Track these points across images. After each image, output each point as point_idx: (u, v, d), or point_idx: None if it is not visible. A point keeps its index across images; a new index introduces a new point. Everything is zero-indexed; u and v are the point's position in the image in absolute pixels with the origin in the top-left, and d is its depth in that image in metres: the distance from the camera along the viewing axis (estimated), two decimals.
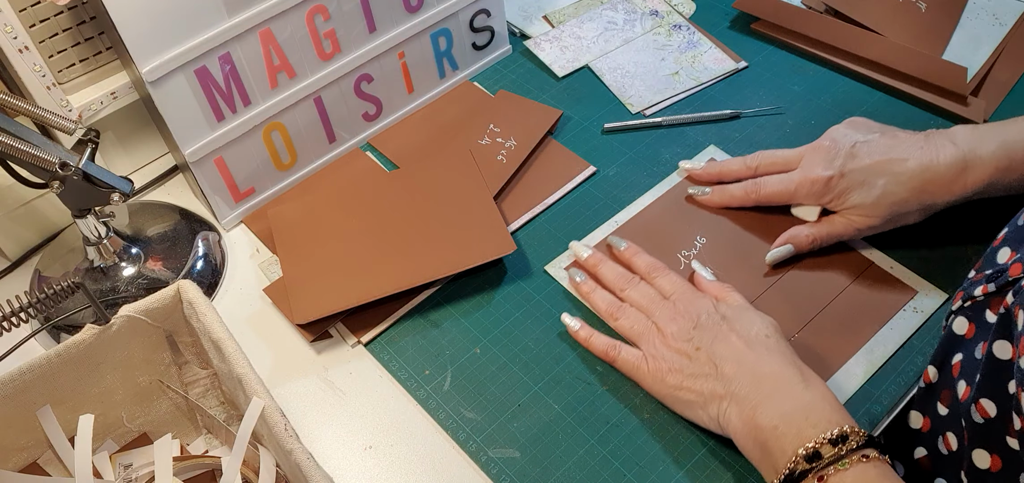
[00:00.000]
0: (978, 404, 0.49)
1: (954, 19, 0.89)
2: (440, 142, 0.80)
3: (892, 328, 0.62)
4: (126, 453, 0.56)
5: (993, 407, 0.48)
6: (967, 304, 0.54)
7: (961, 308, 0.54)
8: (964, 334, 0.53)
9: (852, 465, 0.47)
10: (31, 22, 0.66)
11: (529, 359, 0.63)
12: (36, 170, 0.59)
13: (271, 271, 0.71)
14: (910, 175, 0.62)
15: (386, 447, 0.59)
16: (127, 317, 0.52)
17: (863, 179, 0.63)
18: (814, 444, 0.48)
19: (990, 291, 0.51)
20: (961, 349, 0.53)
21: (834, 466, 0.47)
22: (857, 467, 0.47)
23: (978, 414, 0.49)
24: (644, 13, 0.94)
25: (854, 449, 0.47)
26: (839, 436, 0.48)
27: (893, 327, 0.62)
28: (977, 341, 0.52)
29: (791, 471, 0.48)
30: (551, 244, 0.71)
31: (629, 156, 0.78)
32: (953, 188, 0.62)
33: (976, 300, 0.53)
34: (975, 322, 0.53)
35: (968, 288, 0.54)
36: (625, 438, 0.57)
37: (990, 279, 0.52)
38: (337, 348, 0.65)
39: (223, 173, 0.73)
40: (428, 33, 0.81)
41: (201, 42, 0.66)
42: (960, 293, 0.55)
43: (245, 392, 0.49)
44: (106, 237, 0.67)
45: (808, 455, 0.48)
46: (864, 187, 0.63)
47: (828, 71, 0.85)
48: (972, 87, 0.80)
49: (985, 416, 0.49)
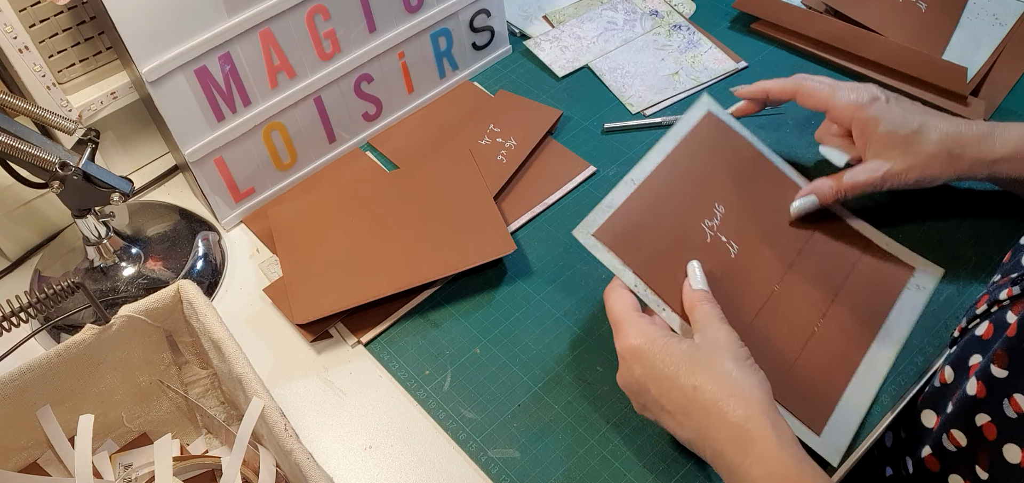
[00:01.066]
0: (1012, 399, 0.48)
1: (954, 19, 0.89)
2: (440, 142, 0.80)
3: (901, 309, 0.62)
4: (126, 453, 0.56)
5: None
6: (992, 308, 0.53)
7: (986, 312, 0.54)
8: (982, 335, 0.53)
9: None
10: (31, 22, 0.66)
11: (529, 359, 0.63)
12: (36, 170, 0.59)
13: (271, 271, 0.71)
14: (943, 127, 0.62)
15: (386, 447, 0.59)
16: (127, 317, 0.52)
17: (902, 111, 0.63)
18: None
19: (1015, 294, 0.51)
20: (979, 351, 0.53)
21: None
22: None
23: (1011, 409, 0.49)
24: (644, 13, 0.94)
25: None
26: None
27: (902, 308, 0.62)
28: (995, 342, 0.51)
29: None
30: (551, 244, 0.71)
31: (629, 156, 0.78)
32: (982, 148, 0.61)
33: (1002, 304, 0.52)
34: (995, 324, 0.52)
35: (993, 292, 0.53)
36: (625, 438, 0.57)
37: (1015, 282, 0.51)
38: (337, 348, 0.65)
39: (223, 173, 0.73)
40: (428, 33, 0.81)
41: (201, 42, 0.66)
42: (985, 297, 0.54)
43: (245, 392, 0.49)
44: (106, 237, 0.67)
45: None
46: (903, 118, 0.62)
47: (828, 71, 0.85)
48: (972, 87, 0.80)
49: (1019, 411, 0.48)
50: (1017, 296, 0.51)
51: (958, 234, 0.68)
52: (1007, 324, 0.50)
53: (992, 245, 0.67)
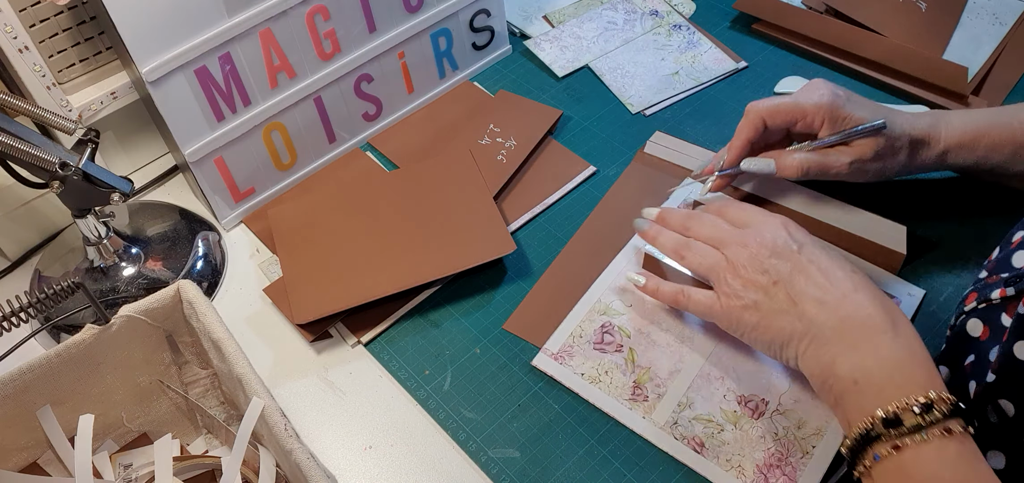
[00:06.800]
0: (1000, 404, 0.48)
1: (954, 19, 0.89)
2: (440, 142, 0.80)
3: None
4: (126, 453, 0.56)
5: (1011, 407, 0.47)
6: (982, 306, 0.53)
7: (975, 310, 0.54)
8: (978, 336, 0.52)
9: (933, 439, 0.43)
10: (31, 22, 0.66)
11: (529, 358, 0.62)
12: (36, 170, 0.59)
13: (271, 271, 0.71)
14: (901, 122, 0.63)
15: (386, 447, 0.59)
16: (127, 317, 0.52)
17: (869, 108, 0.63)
18: (895, 408, 0.44)
19: (1008, 295, 0.50)
20: (974, 350, 0.53)
21: (913, 436, 0.44)
22: (937, 442, 0.43)
23: (993, 414, 0.49)
24: (644, 13, 0.94)
25: (938, 419, 0.43)
26: (924, 404, 0.44)
27: None
28: (992, 343, 0.51)
29: (866, 431, 0.45)
30: (551, 244, 0.71)
31: (629, 156, 0.78)
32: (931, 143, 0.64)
33: (992, 302, 0.52)
34: (990, 324, 0.52)
35: (983, 290, 0.53)
36: (625, 438, 0.57)
37: (1008, 283, 0.51)
38: (337, 348, 0.65)
39: (223, 173, 0.73)
40: (428, 33, 0.81)
41: (201, 42, 0.66)
42: (973, 294, 0.54)
43: (245, 392, 0.49)
44: (106, 237, 0.67)
45: (887, 419, 0.44)
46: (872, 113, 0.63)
47: (828, 71, 0.85)
48: (973, 87, 0.80)
49: (1003, 415, 0.48)
50: (1011, 297, 0.50)
51: (958, 234, 0.68)
52: (1003, 326, 0.50)
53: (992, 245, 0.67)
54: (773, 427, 0.56)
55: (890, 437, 0.44)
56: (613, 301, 0.65)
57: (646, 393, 0.59)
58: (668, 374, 0.60)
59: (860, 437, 0.46)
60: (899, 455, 0.44)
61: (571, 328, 0.63)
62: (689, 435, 0.56)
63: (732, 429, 0.56)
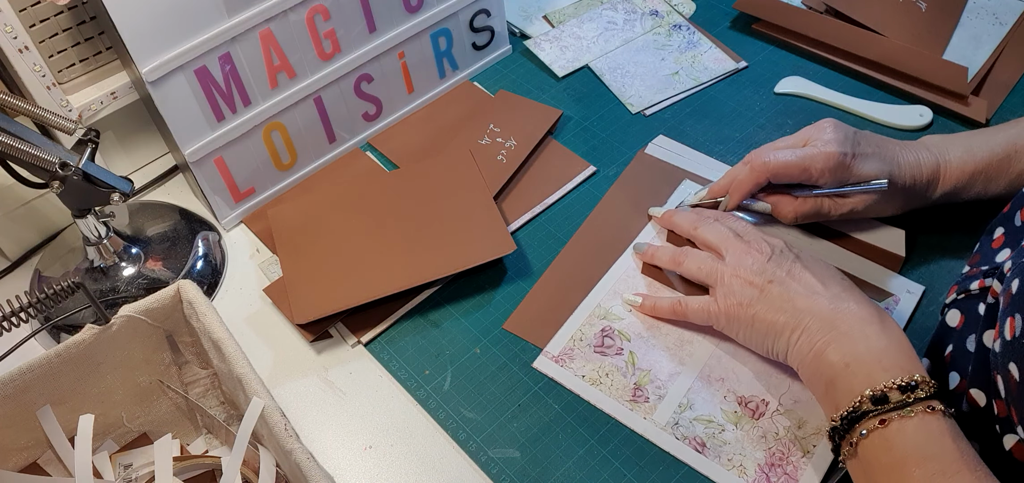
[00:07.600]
0: (969, 394, 0.50)
1: (954, 19, 0.89)
2: (440, 142, 0.80)
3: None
4: (126, 453, 0.56)
5: (983, 396, 0.49)
6: (961, 297, 0.54)
7: (954, 301, 0.55)
8: (955, 325, 0.54)
9: (916, 415, 0.46)
10: (31, 22, 0.66)
11: (529, 359, 0.62)
12: (36, 170, 0.59)
13: (271, 271, 0.71)
14: (908, 172, 0.63)
15: (386, 447, 0.59)
16: (127, 317, 0.52)
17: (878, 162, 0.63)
18: (883, 388, 0.47)
19: (986, 285, 0.52)
20: (952, 340, 0.54)
21: (899, 413, 0.47)
22: (920, 417, 0.46)
23: (967, 404, 0.50)
24: (644, 13, 0.94)
25: (922, 398, 0.47)
26: (909, 384, 0.47)
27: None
28: (967, 333, 0.52)
29: (854, 408, 0.48)
30: (551, 244, 0.71)
31: (629, 156, 0.78)
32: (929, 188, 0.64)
33: (970, 293, 0.53)
34: (966, 314, 0.53)
35: (962, 282, 0.55)
36: (625, 438, 0.57)
37: (986, 274, 0.52)
38: (337, 348, 0.65)
39: (223, 173, 0.73)
40: (428, 33, 0.81)
41: (201, 42, 0.66)
42: (954, 287, 0.55)
43: (245, 392, 0.49)
44: (106, 237, 0.67)
45: (875, 397, 0.47)
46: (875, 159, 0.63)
47: (828, 71, 0.85)
48: (973, 87, 0.80)
49: (975, 405, 0.49)
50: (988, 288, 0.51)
51: (958, 235, 0.68)
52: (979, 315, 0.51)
53: None
54: (774, 427, 0.56)
55: (877, 413, 0.47)
56: (613, 306, 0.65)
57: (647, 395, 0.59)
58: (668, 376, 0.60)
59: (848, 415, 0.48)
60: (884, 429, 0.47)
61: (571, 331, 0.63)
62: (690, 435, 0.56)
63: (733, 429, 0.56)
